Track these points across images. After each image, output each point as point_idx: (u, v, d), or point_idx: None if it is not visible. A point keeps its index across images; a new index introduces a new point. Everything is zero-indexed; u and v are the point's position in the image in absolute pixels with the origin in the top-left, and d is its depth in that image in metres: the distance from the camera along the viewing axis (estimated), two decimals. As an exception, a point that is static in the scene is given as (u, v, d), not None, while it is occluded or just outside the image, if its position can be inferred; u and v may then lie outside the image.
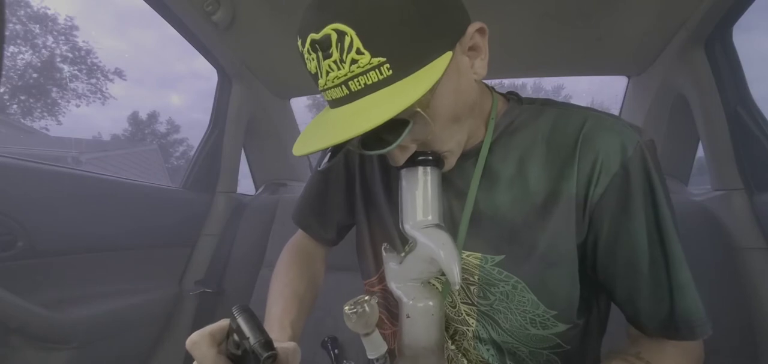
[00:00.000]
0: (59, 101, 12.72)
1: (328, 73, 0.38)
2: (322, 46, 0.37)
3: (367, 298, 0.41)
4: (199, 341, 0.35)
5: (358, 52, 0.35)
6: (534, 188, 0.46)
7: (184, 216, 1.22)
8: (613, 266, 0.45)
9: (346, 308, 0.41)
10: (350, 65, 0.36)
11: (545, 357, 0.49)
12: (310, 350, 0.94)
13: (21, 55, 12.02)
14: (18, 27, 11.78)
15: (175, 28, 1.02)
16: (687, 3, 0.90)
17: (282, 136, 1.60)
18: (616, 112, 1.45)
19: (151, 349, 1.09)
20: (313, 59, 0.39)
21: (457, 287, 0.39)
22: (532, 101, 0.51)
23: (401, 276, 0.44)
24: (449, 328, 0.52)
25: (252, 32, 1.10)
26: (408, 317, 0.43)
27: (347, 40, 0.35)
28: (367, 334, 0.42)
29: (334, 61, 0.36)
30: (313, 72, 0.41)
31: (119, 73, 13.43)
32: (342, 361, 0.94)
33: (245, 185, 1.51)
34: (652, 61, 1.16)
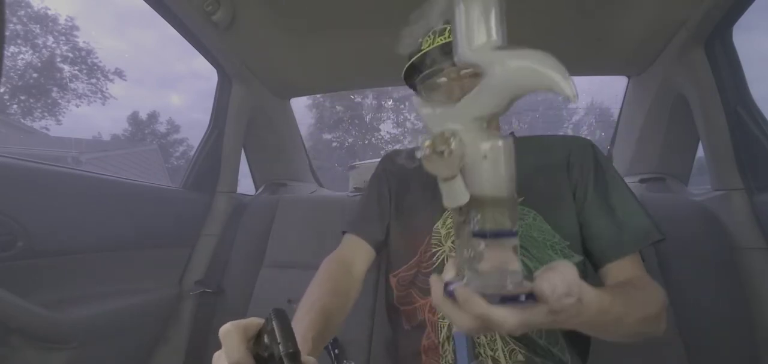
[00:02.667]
0: (59, 101, 12.73)
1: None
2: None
3: (452, 133, 0.34)
4: (232, 331, 0.36)
5: None
6: (536, 159, 0.68)
7: (184, 216, 1.22)
8: (585, 207, 0.63)
9: (426, 144, 0.34)
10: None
11: None
12: (310, 350, 0.94)
13: (21, 56, 12.04)
14: (18, 27, 11.79)
15: (175, 28, 1.02)
16: (687, 3, 0.90)
17: (282, 136, 1.60)
18: (616, 112, 1.47)
19: (151, 349, 1.09)
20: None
21: (578, 100, 0.32)
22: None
23: (461, 117, 0.35)
24: None
25: (252, 32, 1.10)
26: (485, 157, 0.34)
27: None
28: (449, 178, 0.35)
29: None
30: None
31: (119, 74, 13.42)
32: (342, 361, 0.94)
33: (245, 184, 1.52)
34: (652, 61, 1.16)
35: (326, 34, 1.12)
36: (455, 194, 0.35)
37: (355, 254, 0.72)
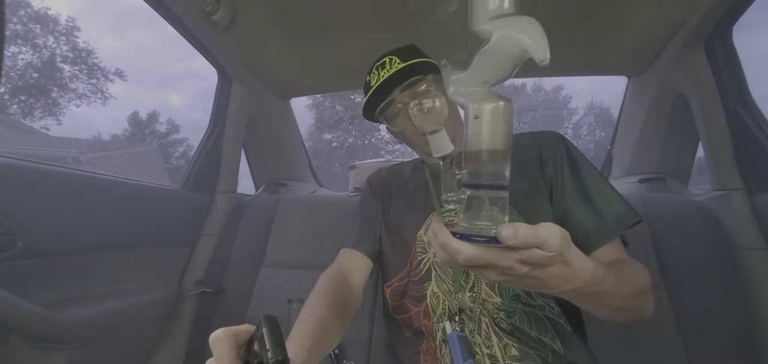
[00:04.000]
0: (59, 101, 12.72)
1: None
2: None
3: (436, 93, 0.42)
4: (222, 338, 0.36)
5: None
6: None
7: (184, 216, 1.22)
8: (564, 200, 0.64)
9: (412, 104, 0.44)
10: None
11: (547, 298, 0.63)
12: (310, 350, 0.94)
13: (21, 56, 12.03)
14: (18, 27, 11.78)
15: (175, 28, 1.02)
16: (687, 3, 0.90)
17: (282, 136, 1.60)
18: (616, 112, 1.47)
19: (151, 349, 1.09)
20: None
21: (546, 63, 0.36)
22: None
23: (468, 82, 0.39)
24: (468, 279, 0.64)
25: (252, 32, 1.10)
26: (476, 118, 0.38)
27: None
28: (434, 132, 0.42)
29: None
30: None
31: (119, 74, 13.40)
32: (342, 361, 0.94)
33: (245, 184, 1.52)
34: (652, 61, 1.16)
35: (326, 34, 1.12)
36: (441, 145, 0.43)
37: (352, 265, 0.73)
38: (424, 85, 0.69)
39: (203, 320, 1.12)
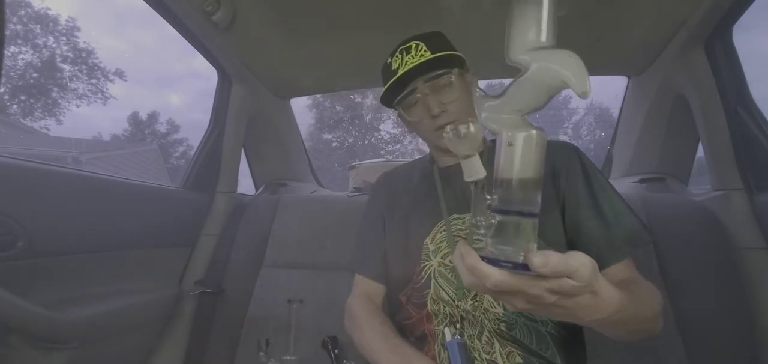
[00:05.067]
0: (59, 101, 12.72)
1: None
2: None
3: (471, 119, 0.44)
4: None
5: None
6: None
7: (184, 216, 1.22)
8: (578, 213, 0.63)
9: (448, 128, 0.47)
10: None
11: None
12: (309, 350, 0.94)
13: (21, 56, 12.03)
14: (18, 27, 11.78)
15: (175, 28, 1.02)
16: (687, 3, 0.90)
17: (282, 136, 1.60)
18: (616, 112, 1.47)
19: (151, 349, 1.09)
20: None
21: (588, 96, 0.37)
22: None
23: (501, 109, 0.40)
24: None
25: (252, 32, 1.10)
26: (510, 145, 0.38)
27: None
28: (468, 156, 0.44)
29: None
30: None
31: (119, 74, 13.41)
32: (342, 361, 0.93)
33: (245, 185, 1.52)
34: (652, 61, 1.16)
35: (326, 34, 1.12)
36: (473, 170, 0.44)
37: (370, 290, 0.78)
38: (453, 78, 0.68)
39: (203, 320, 1.12)
